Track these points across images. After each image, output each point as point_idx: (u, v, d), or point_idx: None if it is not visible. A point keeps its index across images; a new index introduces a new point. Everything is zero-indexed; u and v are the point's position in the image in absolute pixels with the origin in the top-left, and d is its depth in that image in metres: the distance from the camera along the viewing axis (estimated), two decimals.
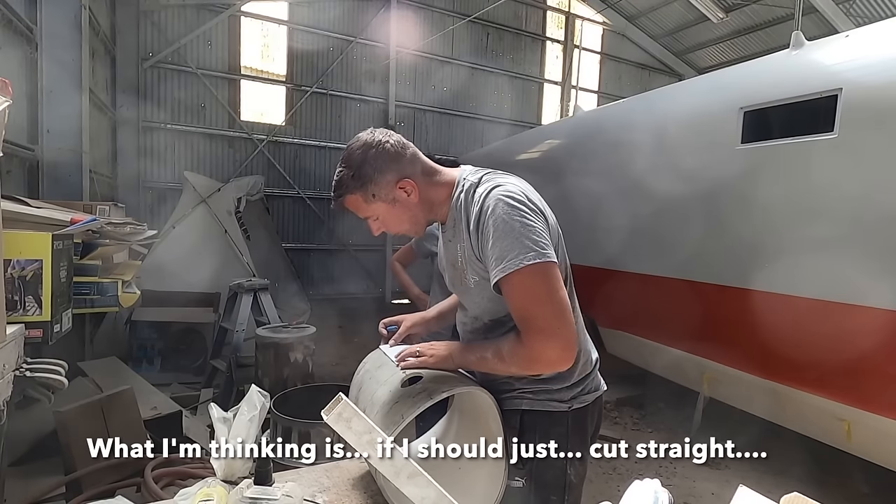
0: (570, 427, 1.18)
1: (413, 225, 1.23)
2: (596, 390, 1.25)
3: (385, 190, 1.15)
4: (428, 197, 1.20)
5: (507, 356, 1.11)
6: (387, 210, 1.18)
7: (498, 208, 1.07)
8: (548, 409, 1.19)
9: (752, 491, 0.73)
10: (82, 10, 4.44)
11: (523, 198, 1.10)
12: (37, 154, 3.99)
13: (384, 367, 1.22)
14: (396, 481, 0.87)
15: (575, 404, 1.20)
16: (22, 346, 1.47)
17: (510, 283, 1.06)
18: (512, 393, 1.22)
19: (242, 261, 5.50)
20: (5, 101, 1.21)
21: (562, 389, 1.19)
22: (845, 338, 2.72)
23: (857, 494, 3.15)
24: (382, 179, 1.14)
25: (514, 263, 1.04)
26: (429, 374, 1.16)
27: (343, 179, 1.15)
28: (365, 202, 1.16)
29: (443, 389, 1.09)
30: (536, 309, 1.06)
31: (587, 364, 1.24)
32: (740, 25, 10.23)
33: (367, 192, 1.15)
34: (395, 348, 1.30)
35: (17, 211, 1.79)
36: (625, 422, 4.34)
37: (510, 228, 1.05)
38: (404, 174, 1.16)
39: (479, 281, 1.16)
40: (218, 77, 7.93)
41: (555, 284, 1.07)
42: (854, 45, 2.91)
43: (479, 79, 9.94)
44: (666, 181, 3.76)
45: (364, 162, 1.13)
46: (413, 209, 1.19)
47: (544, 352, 1.06)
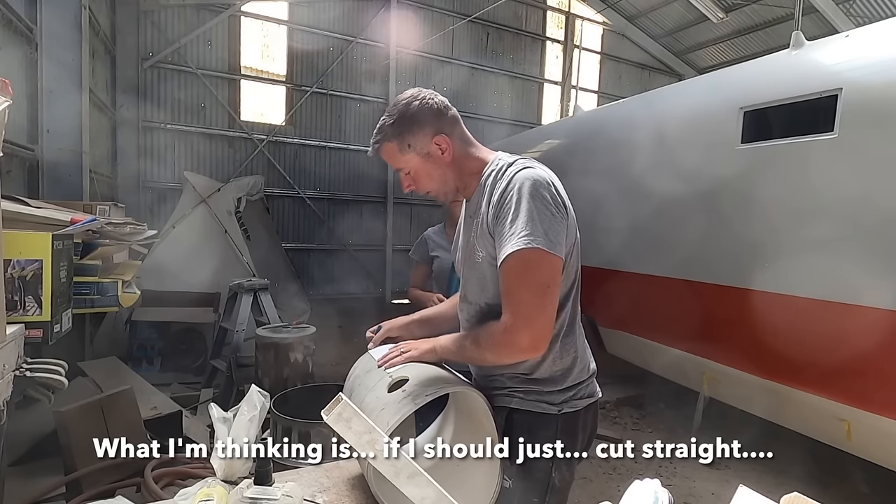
0: (560, 431, 1.17)
1: (442, 185, 1.23)
2: (589, 397, 1.23)
3: (421, 143, 1.18)
4: (460, 162, 1.22)
5: (483, 340, 1.13)
6: (419, 164, 1.20)
7: (525, 188, 1.08)
8: (537, 410, 1.18)
9: (752, 491, 0.73)
10: (82, 10, 4.44)
11: (552, 189, 1.12)
12: (37, 154, 3.99)
13: (372, 373, 1.21)
14: (396, 481, 0.87)
15: (565, 408, 1.19)
16: (22, 346, 1.47)
17: (510, 260, 1.07)
18: (503, 391, 1.23)
19: (242, 261, 5.49)
20: (5, 101, 1.21)
21: (553, 392, 1.19)
22: (845, 338, 2.72)
23: (857, 494, 3.15)
24: (420, 131, 1.17)
25: (523, 242, 1.05)
26: (414, 377, 1.14)
27: (383, 127, 1.19)
28: (400, 152, 1.19)
29: (426, 393, 1.07)
30: (524, 294, 1.07)
31: (583, 371, 1.23)
32: (740, 25, 10.23)
33: (404, 142, 1.18)
34: (382, 349, 1.29)
35: (17, 211, 1.79)
36: (625, 422, 4.35)
37: (529, 210, 1.06)
38: (441, 131, 1.18)
39: (485, 256, 1.17)
40: (218, 77, 7.92)
41: (550, 278, 1.08)
42: (854, 45, 2.91)
43: (479, 79, 9.94)
44: (666, 181, 3.76)
45: (405, 112, 1.17)
46: (444, 168, 1.21)
47: (517, 337, 1.07)
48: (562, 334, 1.19)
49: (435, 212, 9.18)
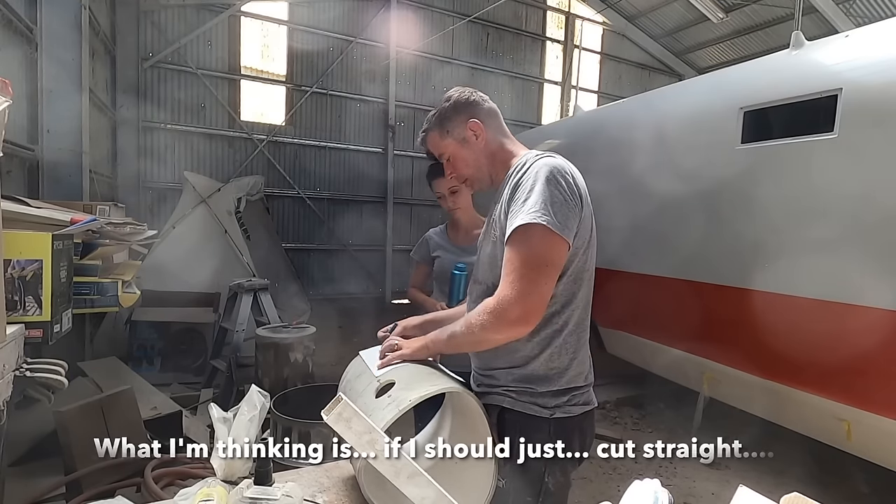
0: (552, 435, 1.16)
1: (476, 170, 1.31)
2: (585, 404, 1.22)
3: (458, 128, 1.29)
4: (494, 151, 1.30)
5: (474, 317, 1.13)
6: (456, 148, 1.31)
7: (542, 173, 1.13)
8: (528, 411, 1.18)
9: (752, 491, 0.73)
10: (82, 10, 4.44)
11: (570, 178, 1.15)
12: (37, 154, 3.99)
13: (362, 377, 1.21)
14: (396, 481, 0.87)
15: (558, 413, 1.18)
16: (22, 346, 1.47)
17: (515, 233, 1.10)
18: (496, 389, 1.23)
19: (242, 261, 5.49)
20: (5, 101, 1.21)
21: (546, 394, 1.18)
22: (845, 338, 2.72)
23: (857, 494, 3.15)
24: (457, 118, 1.29)
25: (530, 217, 1.08)
26: (401, 380, 1.12)
27: (430, 118, 1.33)
28: (440, 138, 1.32)
29: (410, 398, 1.05)
30: (522, 268, 1.08)
31: (579, 377, 1.21)
32: (740, 25, 10.23)
33: (444, 129, 1.30)
34: (373, 350, 1.29)
35: (17, 211, 1.79)
36: (625, 422, 4.34)
37: (543, 192, 1.10)
38: (475, 117, 1.29)
39: (499, 236, 1.20)
40: (218, 77, 7.92)
41: (551, 257, 1.10)
42: (854, 45, 2.91)
43: (479, 79, 9.93)
44: (666, 181, 3.76)
45: (447, 104, 1.31)
46: (478, 154, 1.30)
47: (508, 309, 1.07)
48: (564, 332, 1.19)
49: (435, 212, 9.19)
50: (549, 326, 1.18)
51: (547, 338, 1.18)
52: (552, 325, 1.18)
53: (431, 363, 1.26)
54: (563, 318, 1.18)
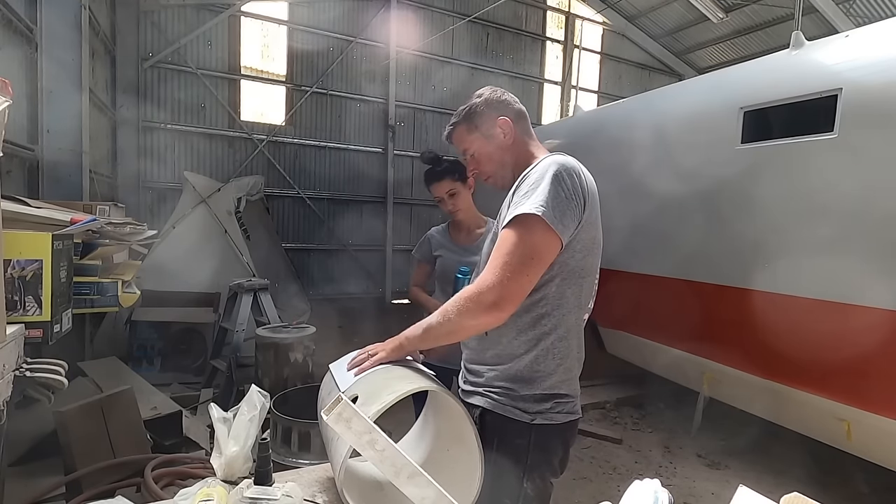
0: (532, 442, 1.15)
1: (499, 167, 1.32)
2: (569, 413, 1.19)
3: (486, 124, 1.31)
4: (518, 151, 1.31)
5: (451, 304, 1.11)
6: (482, 144, 1.32)
7: (551, 169, 1.13)
8: (508, 415, 1.16)
9: (752, 491, 0.73)
10: (82, 10, 4.44)
11: (575, 178, 1.14)
12: (37, 154, 3.99)
13: (333, 393, 1.16)
14: (396, 481, 0.87)
15: (539, 419, 1.15)
16: (22, 346, 1.47)
17: (509, 223, 1.10)
18: (478, 388, 1.23)
19: (242, 261, 5.49)
20: (5, 101, 1.21)
21: (527, 397, 1.16)
22: (845, 338, 2.72)
23: (857, 494, 3.15)
24: (487, 114, 1.31)
25: (526, 208, 1.08)
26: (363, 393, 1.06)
27: (459, 112, 1.35)
28: (467, 132, 1.33)
29: (374, 409, 0.99)
30: (509, 256, 1.08)
31: (563, 385, 1.19)
32: (740, 25, 10.24)
33: (472, 124, 1.32)
34: (341, 362, 1.25)
35: (17, 211, 1.79)
36: (625, 422, 4.34)
37: (545, 188, 1.10)
38: (505, 115, 1.31)
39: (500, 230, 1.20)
40: (218, 77, 7.93)
41: (538, 250, 1.09)
42: (854, 46, 2.91)
43: (479, 79, 9.92)
44: (666, 181, 3.77)
45: (480, 101, 1.32)
46: (503, 151, 1.31)
47: (484, 293, 1.07)
48: (553, 336, 1.17)
49: (435, 212, 9.18)
50: (536, 327, 1.16)
51: (534, 339, 1.17)
52: (540, 327, 1.16)
53: (408, 362, 1.21)
54: (552, 321, 1.16)
